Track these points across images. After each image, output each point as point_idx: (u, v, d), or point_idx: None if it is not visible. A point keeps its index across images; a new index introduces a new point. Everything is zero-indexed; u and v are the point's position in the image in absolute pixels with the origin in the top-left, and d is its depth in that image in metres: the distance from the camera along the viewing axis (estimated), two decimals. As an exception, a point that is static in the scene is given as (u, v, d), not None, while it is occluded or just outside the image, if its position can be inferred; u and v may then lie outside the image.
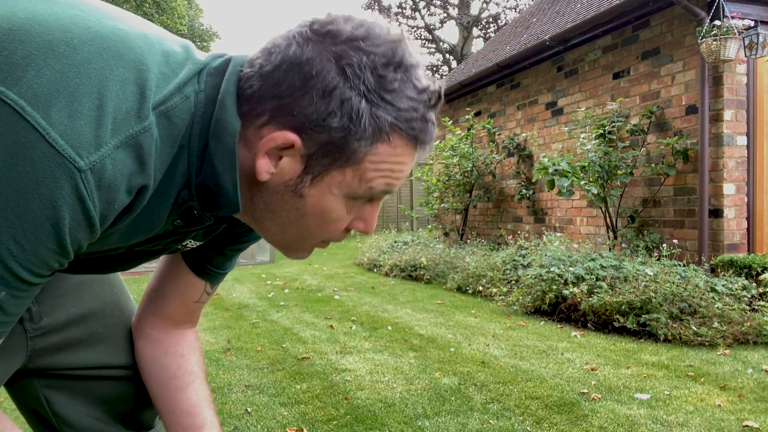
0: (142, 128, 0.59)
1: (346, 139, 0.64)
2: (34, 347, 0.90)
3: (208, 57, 0.71)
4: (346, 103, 0.63)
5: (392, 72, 0.65)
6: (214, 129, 0.66)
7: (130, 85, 0.59)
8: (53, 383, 0.95)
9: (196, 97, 0.66)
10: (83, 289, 0.97)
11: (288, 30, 0.67)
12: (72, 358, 0.94)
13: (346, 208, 0.71)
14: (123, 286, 1.06)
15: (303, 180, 0.68)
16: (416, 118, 0.66)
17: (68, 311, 0.94)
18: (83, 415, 0.98)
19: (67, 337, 0.93)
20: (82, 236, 0.59)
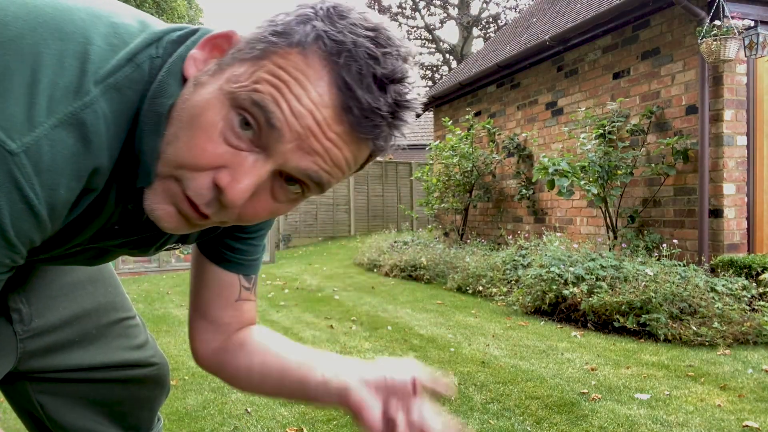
0: (83, 104, 0.54)
1: (268, 32, 0.59)
2: (24, 349, 0.88)
3: (172, 26, 0.66)
4: (294, 9, 0.60)
5: (358, 17, 0.59)
6: (153, 91, 0.60)
7: (68, 59, 0.54)
8: (47, 388, 0.93)
9: (151, 63, 0.60)
10: (77, 289, 0.95)
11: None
12: (63, 359, 0.92)
13: (222, 121, 0.58)
14: (118, 285, 1.04)
15: (209, 69, 0.61)
16: (353, 52, 0.56)
17: (60, 312, 0.92)
18: (79, 418, 0.96)
19: (58, 339, 0.92)
20: (28, 228, 0.53)
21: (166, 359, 1.09)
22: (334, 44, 0.56)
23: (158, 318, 4.66)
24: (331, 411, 2.54)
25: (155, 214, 0.61)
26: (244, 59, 0.59)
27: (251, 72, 0.58)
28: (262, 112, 0.57)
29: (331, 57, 0.56)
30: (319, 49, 0.57)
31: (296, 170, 0.60)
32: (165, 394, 1.11)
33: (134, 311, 1.07)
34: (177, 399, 2.72)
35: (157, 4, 17.54)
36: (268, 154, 0.59)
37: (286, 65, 0.57)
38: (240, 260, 0.86)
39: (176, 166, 0.59)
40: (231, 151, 0.58)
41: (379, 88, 0.57)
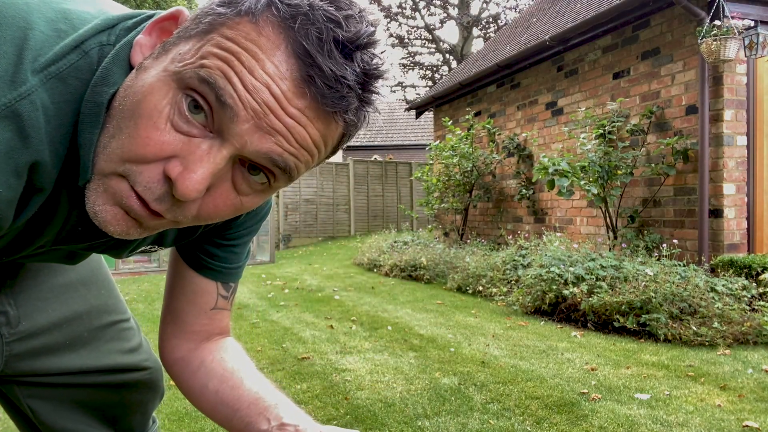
0: (18, 95, 0.49)
1: (215, 3, 0.53)
2: (11, 352, 0.86)
3: (129, 12, 0.61)
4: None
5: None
6: (96, 79, 0.54)
7: (4, 45, 0.49)
8: (37, 392, 0.92)
9: (100, 51, 0.55)
10: (68, 291, 0.93)
11: None
12: (53, 363, 0.90)
13: (168, 106, 0.52)
14: (112, 287, 1.02)
15: (153, 53, 0.55)
16: (309, 14, 0.50)
17: (50, 315, 0.90)
18: (71, 422, 0.95)
19: (47, 342, 0.89)
20: None
21: (159, 363, 1.07)
22: (287, 8, 0.50)
23: (158, 318, 4.65)
24: (331, 411, 2.54)
25: (99, 217, 0.55)
26: (189, 36, 0.53)
27: (197, 48, 0.52)
28: (212, 90, 0.50)
29: (286, 22, 0.50)
30: (271, 15, 0.51)
31: (257, 154, 0.53)
32: (159, 397, 1.09)
33: (128, 313, 1.05)
34: (177, 399, 2.71)
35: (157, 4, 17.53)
36: (224, 137, 0.52)
37: (235, 36, 0.51)
38: (219, 267, 0.82)
39: (120, 160, 0.53)
40: (181, 138, 0.52)
41: (343, 54, 0.51)
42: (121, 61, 0.56)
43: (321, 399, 2.69)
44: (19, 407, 0.94)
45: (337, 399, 2.69)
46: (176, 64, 0.52)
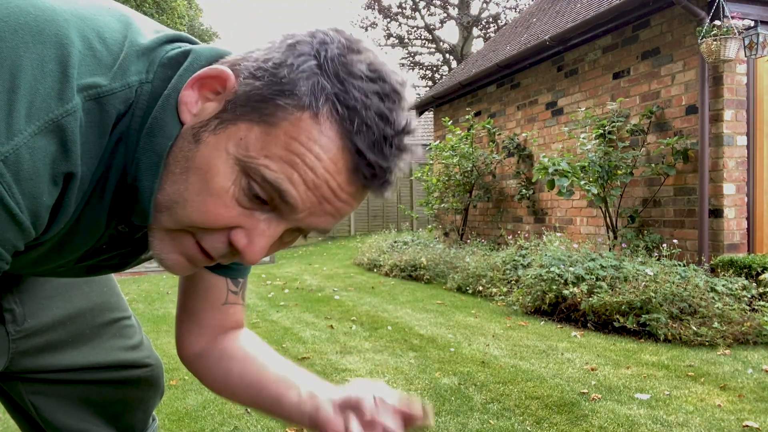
0: (65, 111, 0.52)
1: (274, 91, 0.56)
2: (17, 349, 0.87)
3: (156, 39, 0.63)
4: (296, 57, 0.57)
5: (361, 66, 0.57)
6: (150, 126, 0.59)
7: (49, 63, 0.52)
8: (40, 389, 0.93)
9: (140, 87, 0.59)
10: (71, 289, 0.95)
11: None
12: (57, 359, 0.92)
13: (233, 186, 0.58)
14: (114, 285, 1.04)
15: (209, 123, 0.59)
16: (363, 116, 0.56)
17: (54, 312, 0.91)
18: (72, 419, 0.96)
19: (51, 339, 0.91)
20: (11, 236, 0.53)
21: (160, 360, 1.09)
22: (346, 110, 0.56)
23: (158, 318, 4.66)
24: (331, 411, 2.54)
25: (166, 263, 0.64)
26: (251, 120, 0.57)
27: (262, 142, 0.57)
28: (276, 191, 0.57)
29: (344, 123, 0.56)
30: (330, 115, 0.56)
31: (309, 228, 0.62)
32: (159, 395, 1.10)
33: (129, 311, 1.06)
34: (177, 399, 2.71)
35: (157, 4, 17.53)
36: (282, 217, 0.60)
37: (298, 135, 0.56)
38: (227, 264, 0.84)
39: (189, 225, 0.60)
40: (244, 212, 0.60)
41: (389, 146, 0.58)
42: (171, 110, 0.60)
43: (321, 399, 2.69)
44: (22, 404, 0.94)
45: (337, 399, 2.68)
46: (240, 151, 0.57)
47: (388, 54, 21.64)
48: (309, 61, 0.57)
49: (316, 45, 0.58)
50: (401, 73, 0.60)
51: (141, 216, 0.62)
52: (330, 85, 0.56)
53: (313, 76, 0.56)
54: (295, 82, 0.56)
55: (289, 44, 0.58)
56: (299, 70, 0.56)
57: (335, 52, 0.57)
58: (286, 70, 0.57)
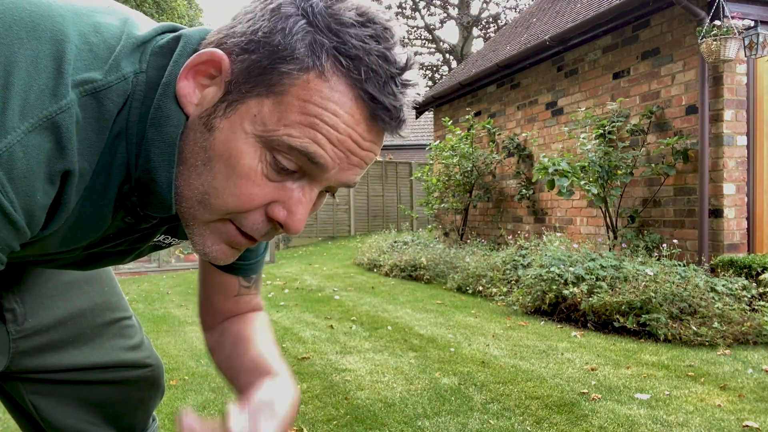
0: (59, 108, 0.51)
1: (273, 60, 0.56)
2: (17, 349, 0.87)
3: (151, 31, 0.62)
4: (284, 20, 0.56)
5: (350, 13, 0.57)
6: (154, 117, 0.58)
7: (44, 59, 0.51)
8: (40, 389, 0.93)
9: (135, 78, 0.58)
10: (72, 289, 0.95)
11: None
12: (57, 359, 0.92)
13: (260, 163, 0.58)
14: (115, 285, 1.04)
15: (217, 109, 0.58)
16: (367, 62, 0.56)
17: (55, 312, 0.91)
18: (73, 419, 0.96)
19: (52, 339, 0.91)
20: (5, 235, 0.52)
21: (160, 360, 1.09)
22: (349, 60, 0.56)
23: (158, 318, 4.66)
24: (331, 411, 2.54)
25: (212, 255, 0.64)
26: (259, 95, 0.57)
27: (277, 113, 0.56)
28: (305, 155, 0.57)
29: (350, 74, 0.56)
30: (336, 69, 0.56)
31: (339, 184, 0.62)
32: (160, 395, 1.11)
33: (130, 311, 1.06)
34: (177, 399, 2.72)
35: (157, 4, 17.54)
36: (312, 179, 0.61)
37: (310, 96, 0.56)
38: (237, 265, 0.87)
39: (225, 212, 0.61)
40: (277, 186, 0.60)
41: (397, 86, 0.58)
42: (172, 98, 0.59)
43: (321, 399, 2.69)
44: (22, 404, 0.94)
45: (337, 399, 2.69)
46: (258, 128, 0.57)
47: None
48: (299, 21, 0.56)
49: (300, 2, 0.57)
50: (384, 10, 0.60)
51: (161, 207, 0.62)
52: (327, 40, 0.55)
53: (308, 35, 0.56)
54: (292, 46, 0.55)
55: (272, 9, 0.57)
56: (292, 33, 0.55)
57: (320, 5, 0.56)
58: (279, 36, 0.56)
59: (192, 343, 3.79)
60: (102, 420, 0.99)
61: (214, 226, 0.62)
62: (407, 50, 0.60)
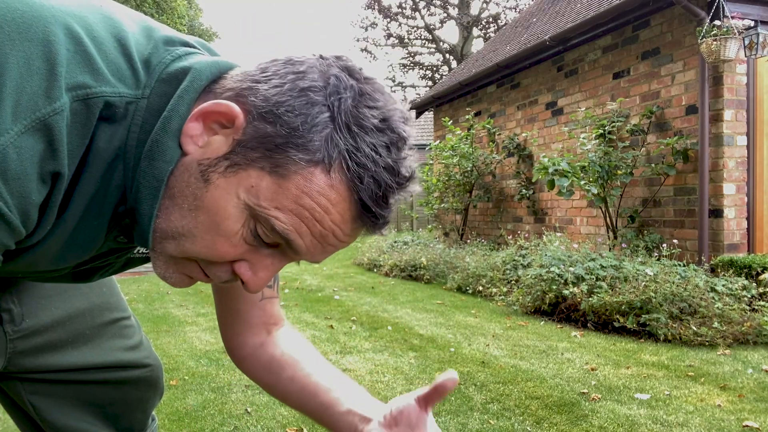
0: (53, 110, 0.52)
1: (287, 142, 0.57)
2: (15, 349, 0.87)
3: (157, 52, 0.61)
4: (310, 107, 0.57)
5: (375, 123, 0.58)
6: (150, 150, 0.59)
7: (36, 61, 0.51)
8: (39, 388, 0.92)
9: (135, 103, 0.58)
10: (70, 289, 0.94)
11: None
12: (56, 359, 0.91)
13: (242, 228, 0.60)
14: (114, 285, 1.03)
15: (218, 164, 0.59)
16: (372, 172, 0.58)
17: (53, 312, 0.91)
18: (72, 419, 0.95)
19: (50, 339, 0.91)
20: (1, 235, 0.53)
21: (159, 361, 1.09)
22: (356, 167, 0.57)
23: (158, 318, 4.66)
24: (331, 411, 2.54)
25: (171, 281, 0.66)
26: (262, 169, 0.58)
27: (273, 193, 0.58)
28: (284, 239, 0.60)
29: (354, 179, 0.58)
30: (341, 170, 0.57)
31: (307, 261, 0.64)
32: (159, 395, 1.10)
33: (129, 311, 1.06)
34: (177, 399, 2.71)
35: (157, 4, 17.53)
36: (284, 254, 0.63)
37: (309, 190, 0.57)
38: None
39: (195, 257, 0.63)
40: (250, 249, 0.62)
41: (393, 196, 0.61)
42: (171, 134, 0.59)
43: (321, 399, 2.69)
44: (21, 404, 0.94)
45: (337, 399, 2.68)
46: (251, 199, 0.58)
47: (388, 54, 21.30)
48: (323, 113, 0.57)
49: (330, 95, 0.57)
50: (405, 109, 0.61)
51: (141, 239, 0.63)
52: (343, 141, 0.57)
53: (327, 130, 0.57)
54: (310, 136, 0.56)
55: (301, 89, 0.57)
56: (314, 123, 0.57)
57: (348, 103, 0.57)
58: (300, 121, 0.56)
59: (192, 343, 3.79)
60: (101, 420, 0.99)
61: (180, 261, 0.64)
62: (413, 158, 0.62)
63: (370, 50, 23.60)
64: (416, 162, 0.63)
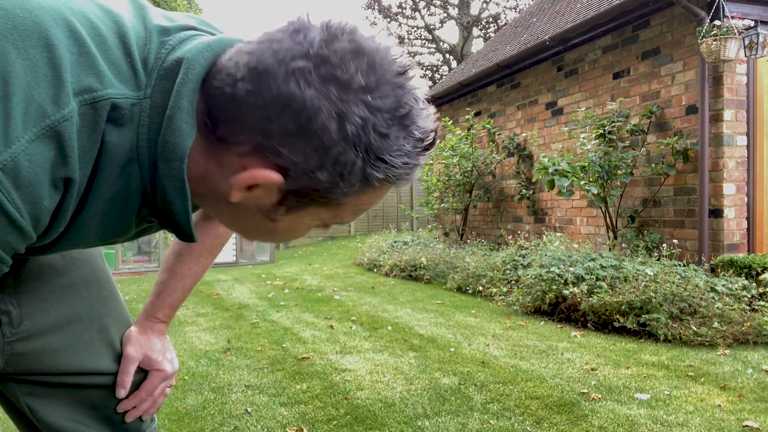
0: (62, 116, 0.53)
1: (331, 191, 0.62)
2: (12, 352, 0.86)
3: (158, 42, 0.62)
4: (341, 160, 0.59)
5: (396, 128, 0.60)
6: (162, 151, 0.60)
7: (42, 68, 0.52)
8: (36, 391, 0.92)
9: (139, 104, 0.59)
10: (70, 292, 0.93)
11: (283, 49, 0.57)
12: (54, 363, 0.91)
13: (309, 230, 0.73)
14: (113, 288, 1.02)
15: (277, 209, 0.65)
16: (408, 171, 0.63)
17: (52, 316, 0.90)
18: (68, 421, 0.94)
19: (49, 342, 0.90)
20: (11, 239, 0.54)
21: None
22: (394, 179, 0.63)
23: (158, 318, 4.65)
24: (331, 411, 2.54)
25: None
26: (319, 204, 0.65)
27: (333, 213, 0.67)
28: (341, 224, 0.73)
29: (394, 181, 0.64)
30: (384, 184, 0.64)
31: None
32: None
33: (128, 318, 1.06)
34: (177, 399, 2.71)
35: (157, 4, 17.53)
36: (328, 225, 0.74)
37: (361, 202, 0.66)
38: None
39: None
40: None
41: (424, 154, 0.66)
42: (176, 131, 0.61)
43: (321, 399, 2.69)
44: (17, 405, 0.94)
45: (337, 399, 2.69)
46: (315, 222, 0.69)
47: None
48: (350, 158, 0.59)
49: (351, 133, 0.58)
50: (405, 60, 0.61)
51: (184, 235, 0.68)
52: (379, 173, 0.61)
53: (363, 175, 0.61)
54: (348, 180, 0.61)
55: (336, 159, 0.59)
56: (347, 170, 0.60)
57: (371, 138, 0.58)
58: (335, 175, 0.60)
59: (192, 343, 3.79)
60: (98, 422, 0.98)
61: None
62: (430, 115, 0.64)
63: (370, 50, 23.55)
64: (437, 123, 0.67)
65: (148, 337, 0.99)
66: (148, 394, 0.97)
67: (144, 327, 1.00)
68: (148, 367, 0.97)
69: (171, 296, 1.03)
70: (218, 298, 5.72)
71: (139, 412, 0.97)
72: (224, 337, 3.95)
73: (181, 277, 1.03)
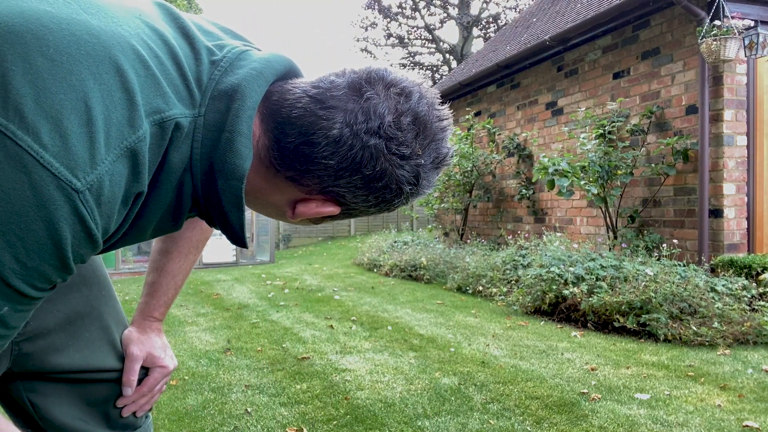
0: (137, 138, 0.58)
1: (383, 207, 0.75)
2: (19, 352, 0.89)
3: (209, 63, 0.67)
4: (393, 203, 0.73)
5: (434, 173, 0.72)
6: (221, 169, 0.66)
7: (116, 92, 0.57)
8: (39, 388, 0.94)
9: (194, 121, 0.64)
10: (71, 292, 0.96)
11: (357, 122, 0.66)
12: (58, 361, 0.93)
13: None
14: (110, 287, 1.05)
15: (338, 216, 0.77)
16: (427, 186, 0.74)
17: (55, 315, 0.93)
18: (69, 417, 0.97)
19: (54, 341, 0.92)
20: (84, 251, 0.59)
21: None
22: (417, 194, 0.75)
23: (158, 318, 4.65)
24: (331, 411, 2.54)
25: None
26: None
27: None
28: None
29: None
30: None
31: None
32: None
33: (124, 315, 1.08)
34: (177, 399, 2.72)
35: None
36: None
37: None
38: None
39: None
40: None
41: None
42: (234, 153, 0.67)
43: (321, 399, 2.69)
44: (20, 403, 0.96)
45: (337, 399, 2.69)
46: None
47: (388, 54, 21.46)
48: (401, 201, 0.74)
49: (413, 188, 0.72)
50: (446, 112, 0.73)
51: (238, 242, 0.74)
52: (408, 200, 0.74)
53: (397, 202, 0.74)
54: (395, 201, 0.74)
55: (387, 199, 0.72)
56: (394, 205, 0.75)
57: (421, 186, 0.72)
58: (380, 205, 0.73)
59: (192, 343, 3.79)
60: (96, 417, 1.01)
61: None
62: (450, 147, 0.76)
63: (370, 50, 23.57)
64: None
65: (149, 336, 1.01)
66: (149, 390, 0.99)
67: (143, 326, 1.02)
68: (151, 364, 0.99)
69: (165, 294, 1.05)
70: (218, 298, 5.72)
71: (136, 407, 0.99)
72: (224, 337, 3.95)
73: (173, 275, 1.05)
